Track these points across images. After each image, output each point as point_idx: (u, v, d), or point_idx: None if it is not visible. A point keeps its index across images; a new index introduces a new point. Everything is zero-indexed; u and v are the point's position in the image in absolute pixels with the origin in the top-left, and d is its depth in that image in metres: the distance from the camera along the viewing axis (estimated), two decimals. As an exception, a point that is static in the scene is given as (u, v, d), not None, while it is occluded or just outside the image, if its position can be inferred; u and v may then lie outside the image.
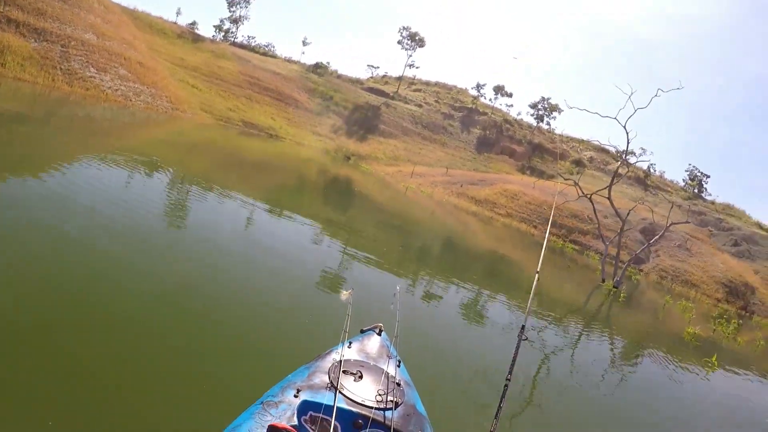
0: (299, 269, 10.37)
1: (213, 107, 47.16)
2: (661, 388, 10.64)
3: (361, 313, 5.33)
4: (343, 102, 68.64)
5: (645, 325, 18.26)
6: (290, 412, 3.19)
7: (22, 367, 4.37)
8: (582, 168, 66.46)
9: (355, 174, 43.22)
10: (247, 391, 3.95)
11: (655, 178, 71.13)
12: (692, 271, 36.23)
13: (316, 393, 3.45)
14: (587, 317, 16.26)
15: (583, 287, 22.42)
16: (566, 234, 39.17)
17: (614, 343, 13.71)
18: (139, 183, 13.34)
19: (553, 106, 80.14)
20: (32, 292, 5.69)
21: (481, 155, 69.04)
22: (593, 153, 74.47)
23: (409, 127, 69.13)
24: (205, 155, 25.59)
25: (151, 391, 4.68)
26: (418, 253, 18.27)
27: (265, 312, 7.43)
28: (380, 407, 3.45)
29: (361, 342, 4.40)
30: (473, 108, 78.47)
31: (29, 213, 8.03)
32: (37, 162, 11.92)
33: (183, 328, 6.13)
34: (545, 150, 72.81)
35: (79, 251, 7.30)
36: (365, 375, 3.75)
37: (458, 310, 11.76)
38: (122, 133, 23.34)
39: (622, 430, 7.61)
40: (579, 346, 12.19)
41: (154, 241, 9.13)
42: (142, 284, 6.96)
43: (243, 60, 65.26)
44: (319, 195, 26.16)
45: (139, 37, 42.89)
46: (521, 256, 27.00)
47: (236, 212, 14.02)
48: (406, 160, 58.15)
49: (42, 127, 16.73)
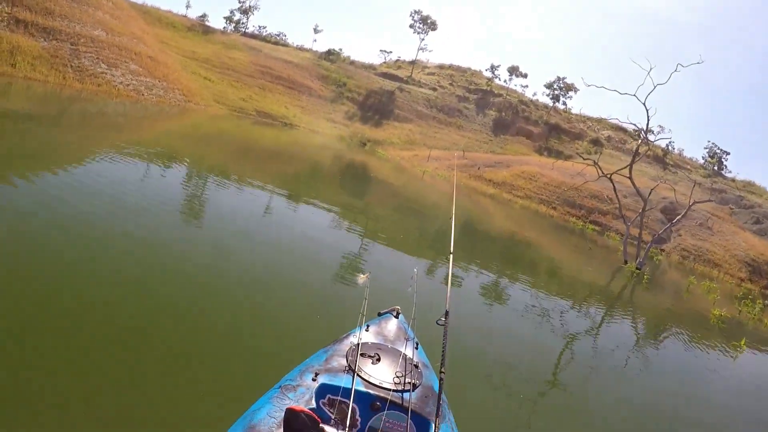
0: (316, 255, 10.34)
1: (226, 98, 47.13)
2: (688, 373, 10.41)
3: (379, 296, 5.37)
4: (357, 88, 68.30)
5: (669, 307, 17.85)
6: (308, 396, 3.21)
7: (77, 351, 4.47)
8: (600, 147, 65.57)
9: (371, 159, 43.07)
10: (266, 375, 3.97)
11: (674, 156, 69.87)
12: (714, 251, 35.59)
13: (334, 376, 3.46)
14: (610, 300, 15.92)
15: (604, 269, 22.00)
16: (586, 215, 38.67)
17: (638, 327, 13.46)
18: (158, 175, 13.45)
19: (568, 86, 78.85)
20: (64, 280, 5.82)
21: (498, 137, 68.37)
22: (611, 132, 73.42)
23: (424, 111, 68.64)
24: (221, 146, 25.60)
25: (171, 376, 4.71)
26: (435, 237, 18.10)
27: (283, 297, 7.44)
28: (398, 389, 3.45)
29: (378, 325, 4.39)
30: (488, 90, 77.61)
31: (53, 210, 8.15)
32: (52, 159, 12.01)
33: (202, 313, 6.18)
34: (562, 130, 71.92)
35: (111, 242, 7.45)
36: (383, 357, 3.75)
37: (476, 292, 11.66)
38: (136, 128, 23.40)
39: (648, 416, 7.39)
40: (602, 329, 11.93)
41: (177, 228, 9.36)
42: (166, 268, 7.19)
43: (254, 50, 65.21)
44: (336, 181, 26.10)
45: (149, 31, 42.89)
46: (540, 238, 26.73)
47: (254, 200, 14.06)
48: (421, 144, 57.81)
49: (55, 126, 16.76)
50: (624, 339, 11.60)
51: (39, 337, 4.71)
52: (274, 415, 2.94)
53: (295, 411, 2.64)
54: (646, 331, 13.27)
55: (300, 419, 2.62)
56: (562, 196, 40.11)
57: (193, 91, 40.50)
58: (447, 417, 3.48)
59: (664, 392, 8.66)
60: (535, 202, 40.13)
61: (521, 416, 6.21)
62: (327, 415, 3.25)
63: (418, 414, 3.34)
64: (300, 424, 2.62)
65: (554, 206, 39.66)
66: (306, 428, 2.62)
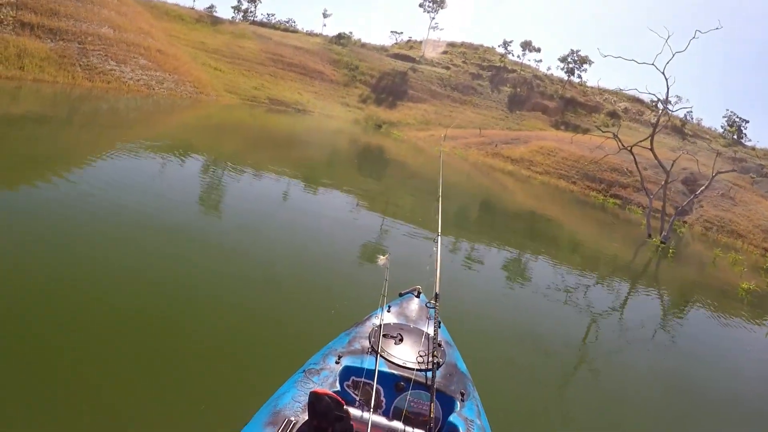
0: (336, 239, 10.35)
1: (238, 87, 47.06)
2: (717, 348, 10.23)
3: (399, 277, 5.24)
4: (369, 71, 67.84)
5: (696, 280, 17.53)
6: (332, 378, 3.21)
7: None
8: (617, 120, 64.61)
9: (387, 142, 42.85)
10: (290, 360, 3.99)
11: (693, 126, 68.43)
12: (737, 221, 34.85)
13: (357, 358, 3.46)
14: (636, 274, 15.64)
15: (628, 243, 21.64)
16: (606, 188, 38.09)
17: (665, 301, 13.22)
18: (175, 167, 13.57)
19: (583, 59, 77.41)
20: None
21: (514, 113, 67.62)
22: (627, 104, 72.28)
23: (438, 91, 68.06)
24: (236, 135, 25.65)
25: (196, 364, 4.77)
26: (455, 215, 18.01)
27: (304, 282, 7.45)
28: (422, 368, 3.44)
29: (400, 305, 4.38)
30: (501, 66, 76.66)
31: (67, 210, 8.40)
32: (67, 159, 12.14)
33: (225, 299, 6.22)
34: (578, 104, 71.00)
35: (139, 235, 7.61)
36: (405, 337, 3.74)
37: (497, 269, 11.62)
38: (151, 122, 23.56)
39: (679, 391, 7.27)
40: (629, 304, 11.75)
41: (199, 217, 9.58)
42: (190, 256, 7.33)
43: (264, 38, 64.96)
44: (353, 165, 26.02)
45: (157, 25, 42.71)
46: (561, 213, 26.44)
47: (273, 186, 14.14)
48: (437, 123, 57.30)
49: (68, 125, 16.82)
50: (651, 314, 11.42)
51: (90, 330, 4.86)
52: (299, 399, 2.94)
53: (319, 394, 2.63)
54: (674, 306, 13.03)
55: (324, 402, 2.61)
56: (582, 171, 39.53)
57: (204, 82, 40.48)
58: (472, 394, 3.47)
59: (694, 366, 8.57)
60: (555, 178, 39.61)
61: (547, 392, 6.17)
62: (351, 397, 3.24)
63: (443, 392, 3.34)
64: (325, 407, 2.61)
65: (574, 181, 39.11)
66: (331, 411, 2.61)
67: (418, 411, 3.26)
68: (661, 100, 26.36)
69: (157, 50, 35.54)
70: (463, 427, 3.00)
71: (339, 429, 2.61)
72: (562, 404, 6.03)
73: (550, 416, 5.61)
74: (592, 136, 32.76)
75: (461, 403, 3.29)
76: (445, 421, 3.20)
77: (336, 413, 2.62)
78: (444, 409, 3.29)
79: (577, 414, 5.88)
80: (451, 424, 3.10)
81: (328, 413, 2.61)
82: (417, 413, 3.26)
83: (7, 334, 4.53)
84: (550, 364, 6.92)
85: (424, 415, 3.22)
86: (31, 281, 5.49)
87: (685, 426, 6.31)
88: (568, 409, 5.96)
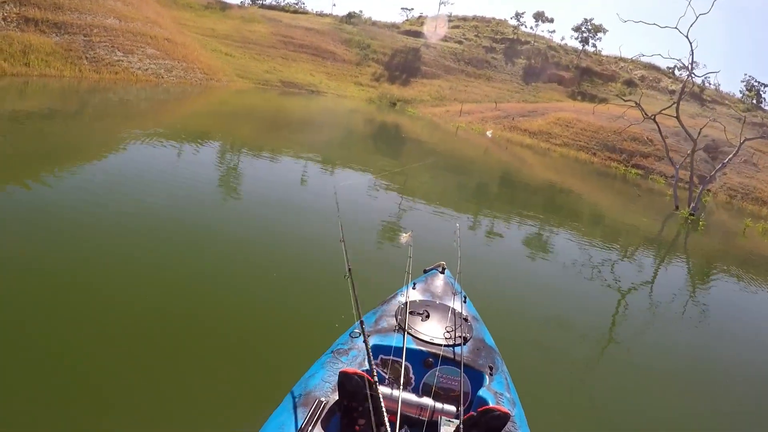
0: (357, 219, 10.20)
1: (249, 72, 46.71)
2: (754, 320, 9.88)
3: (423, 253, 5.24)
4: (381, 48, 67.02)
5: (728, 253, 16.95)
6: (361, 357, 3.21)
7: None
8: (634, 88, 63.35)
9: (403, 119, 42.46)
10: (317, 342, 3.98)
11: (711, 91, 66.71)
12: (762, 188, 34.02)
13: (385, 336, 3.47)
14: (664, 248, 15.18)
15: (654, 215, 21.01)
16: (627, 159, 37.31)
17: (697, 275, 12.79)
18: (197, 156, 13.60)
19: (597, 27, 75.62)
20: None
21: (529, 86, 66.57)
22: (644, 71, 70.77)
23: (451, 66, 67.16)
24: (250, 120, 25.55)
25: (227, 350, 4.77)
26: (474, 191, 17.97)
27: (327, 263, 7.23)
28: (449, 344, 3.45)
29: (425, 282, 4.38)
30: (515, 38, 75.37)
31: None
32: (83, 152, 12.16)
33: (250, 286, 6.24)
34: (594, 73, 69.72)
35: (164, 227, 7.68)
36: (432, 314, 3.74)
37: (520, 244, 11.54)
38: (162, 111, 23.51)
39: (709, 374, 6.91)
40: (658, 279, 11.38)
41: (222, 204, 9.61)
42: (214, 243, 7.35)
43: (274, 21, 64.42)
44: (369, 144, 25.90)
45: (165, 14, 42.35)
46: (581, 185, 26.02)
47: (291, 169, 14.20)
48: (452, 99, 56.61)
49: (78, 118, 16.72)
50: (682, 289, 11.03)
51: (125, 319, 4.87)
52: (329, 380, 2.96)
53: (348, 373, 2.64)
54: (707, 280, 12.54)
55: (354, 381, 2.62)
56: (602, 141, 38.81)
57: (215, 68, 40.19)
58: (500, 368, 3.46)
59: (729, 340, 8.24)
60: (574, 149, 38.90)
61: (575, 366, 6.07)
62: (380, 375, 3.23)
63: (471, 367, 3.35)
64: (354, 386, 2.62)
65: (594, 152, 38.38)
66: (360, 389, 2.61)
67: (448, 386, 3.28)
68: (685, 65, 25.50)
69: (165, 39, 35.24)
70: (493, 400, 2.99)
71: (369, 407, 2.59)
72: (591, 378, 5.95)
73: (578, 389, 5.53)
74: (613, 105, 31.72)
75: (490, 377, 3.29)
76: (475, 396, 3.20)
77: (366, 392, 2.61)
78: (473, 384, 3.30)
79: (604, 388, 5.76)
80: (480, 398, 3.10)
81: (358, 392, 2.62)
82: (446, 389, 3.27)
83: (38, 328, 4.52)
84: (577, 338, 6.80)
85: (454, 390, 3.25)
86: (61, 273, 5.57)
87: (718, 405, 6.05)
88: (596, 383, 5.86)
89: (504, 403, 3.00)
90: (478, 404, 3.00)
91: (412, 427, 2.95)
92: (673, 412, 5.51)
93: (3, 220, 6.65)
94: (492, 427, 2.57)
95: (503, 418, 2.56)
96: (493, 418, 2.56)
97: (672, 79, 70.92)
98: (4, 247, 5.86)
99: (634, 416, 5.23)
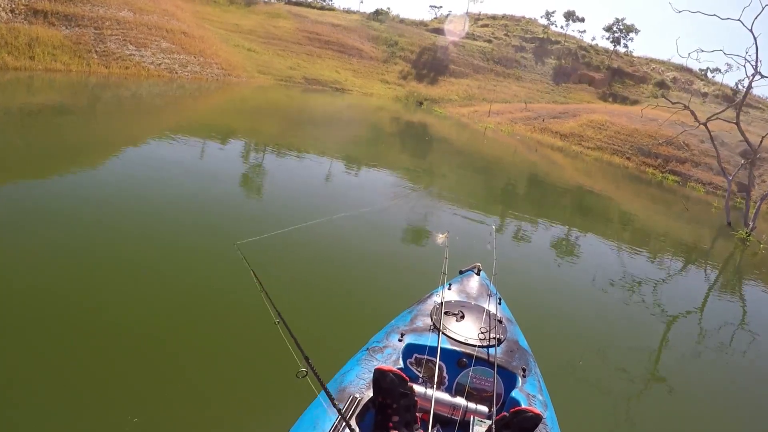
0: (393, 220, 10.22)
1: (271, 68, 46.10)
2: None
3: (458, 254, 5.22)
4: (409, 46, 66.20)
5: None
6: (395, 356, 3.24)
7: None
8: (666, 90, 61.71)
9: (430, 118, 41.65)
10: (353, 339, 3.94)
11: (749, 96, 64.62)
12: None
13: (420, 335, 3.49)
14: (715, 269, 13.40)
15: (701, 229, 19.30)
16: (662, 164, 35.75)
17: (753, 307, 10.66)
18: (216, 152, 13.48)
19: (628, 27, 74.11)
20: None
21: (559, 86, 65.26)
22: (676, 73, 69.32)
23: (480, 65, 66.09)
24: (273, 117, 25.11)
25: (270, 342, 4.59)
26: (506, 193, 17.54)
27: (365, 262, 7.56)
28: (483, 345, 3.47)
29: (460, 283, 4.41)
30: (545, 38, 74.20)
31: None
32: (96, 151, 11.76)
33: (290, 285, 6.26)
34: (625, 74, 68.52)
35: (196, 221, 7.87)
36: (467, 314, 3.78)
37: (556, 248, 11.33)
38: (178, 107, 22.85)
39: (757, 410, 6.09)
40: (708, 306, 9.88)
41: (255, 202, 9.87)
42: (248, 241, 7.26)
43: (300, 17, 64.15)
44: (396, 143, 25.32)
45: (186, 8, 41.56)
46: (614, 191, 24.82)
47: (320, 168, 14.20)
48: (481, 98, 55.57)
49: (89, 115, 16.09)
50: (735, 319, 9.48)
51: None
52: (363, 377, 2.98)
53: (383, 371, 2.68)
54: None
55: (388, 378, 2.65)
56: (636, 145, 37.31)
57: (234, 63, 39.42)
58: (533, 370, 3.46)
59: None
60: (608, 153, 37.40)
61: (610, 371, 5.96)
62: (414, 373, 3.30)
63: (505, 368, 3.36)
64: (389, 383, 2.65)
65: (628, 156, 36.83)
66: (395, 387, 2.65)
67: (481, 387, 3.29)
68: (750, 62, 23.52)
69: (181, 32, 34.41)
70: (525, 402, 3.00)
71: (403, 405, 2.65)
72: (625, 390, 5.69)
73: (611, 399, 5.39)
74: (652, 107, 30.02)
75: (523, 379, 3.29)
76: (508, 397, 3.20)
77: (400, 390, 2.66)
78: (506, 385, 3.29)
79: (639, 403, 5.51)
80: (513, 399, 3.10)
81: (393, 390, 2.65)
82: (479, 389, 3.29)
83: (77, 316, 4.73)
84: (613, 351, 6.59)
85: (487, 390, 3.27)
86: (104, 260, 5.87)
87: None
88: (631, 395, 5.60)
89: (536, 405, 3.01)
90: (511, 405, 3.00)
91: (444, 426, 2.98)
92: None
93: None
94: (524, 428, 2.55)
95: (535, 419, 2.55)
96: (526, 419, 2.56)
97: (704, 81, 69.17)
98: (66, 235, 6.25)
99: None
